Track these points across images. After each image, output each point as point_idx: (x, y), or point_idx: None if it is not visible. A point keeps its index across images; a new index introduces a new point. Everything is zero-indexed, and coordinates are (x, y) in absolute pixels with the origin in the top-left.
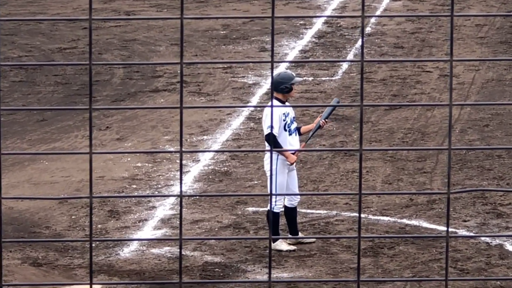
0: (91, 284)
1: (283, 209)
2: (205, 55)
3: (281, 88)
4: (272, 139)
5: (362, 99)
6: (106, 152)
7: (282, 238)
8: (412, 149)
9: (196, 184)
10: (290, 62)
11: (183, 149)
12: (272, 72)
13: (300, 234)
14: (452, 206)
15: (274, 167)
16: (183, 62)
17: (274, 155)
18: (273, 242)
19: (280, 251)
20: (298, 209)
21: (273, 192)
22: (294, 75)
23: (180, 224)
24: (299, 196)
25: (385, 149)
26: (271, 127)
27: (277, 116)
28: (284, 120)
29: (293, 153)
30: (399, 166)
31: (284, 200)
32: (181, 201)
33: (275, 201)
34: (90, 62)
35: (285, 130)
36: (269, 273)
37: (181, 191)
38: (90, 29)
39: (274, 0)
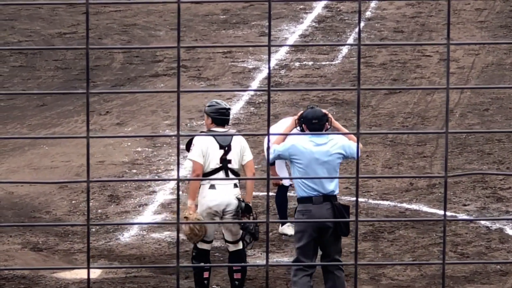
0: (88, 268)
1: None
2: (205, 39)
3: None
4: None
5: (359, 82)
6: (103, 136)
7: (279, 222)
8: (409, 133)
9: None
10: (287, 46)
11: (180, 133)
12: (269, 56)
13: None
14: (452, 191)
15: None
16: (180, 46)
17: None
18: (281, 226)
19: (285, 235)
20: None
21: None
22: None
23: (178, 208)
24: None
25: (381, 133)
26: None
27: None
28: None
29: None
30: (399, 151)
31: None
32: (178, 185)
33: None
34: (87, 46)
35: None
36: (267, 257)
37: (178, 175)
38: (87, 13)
39: None
